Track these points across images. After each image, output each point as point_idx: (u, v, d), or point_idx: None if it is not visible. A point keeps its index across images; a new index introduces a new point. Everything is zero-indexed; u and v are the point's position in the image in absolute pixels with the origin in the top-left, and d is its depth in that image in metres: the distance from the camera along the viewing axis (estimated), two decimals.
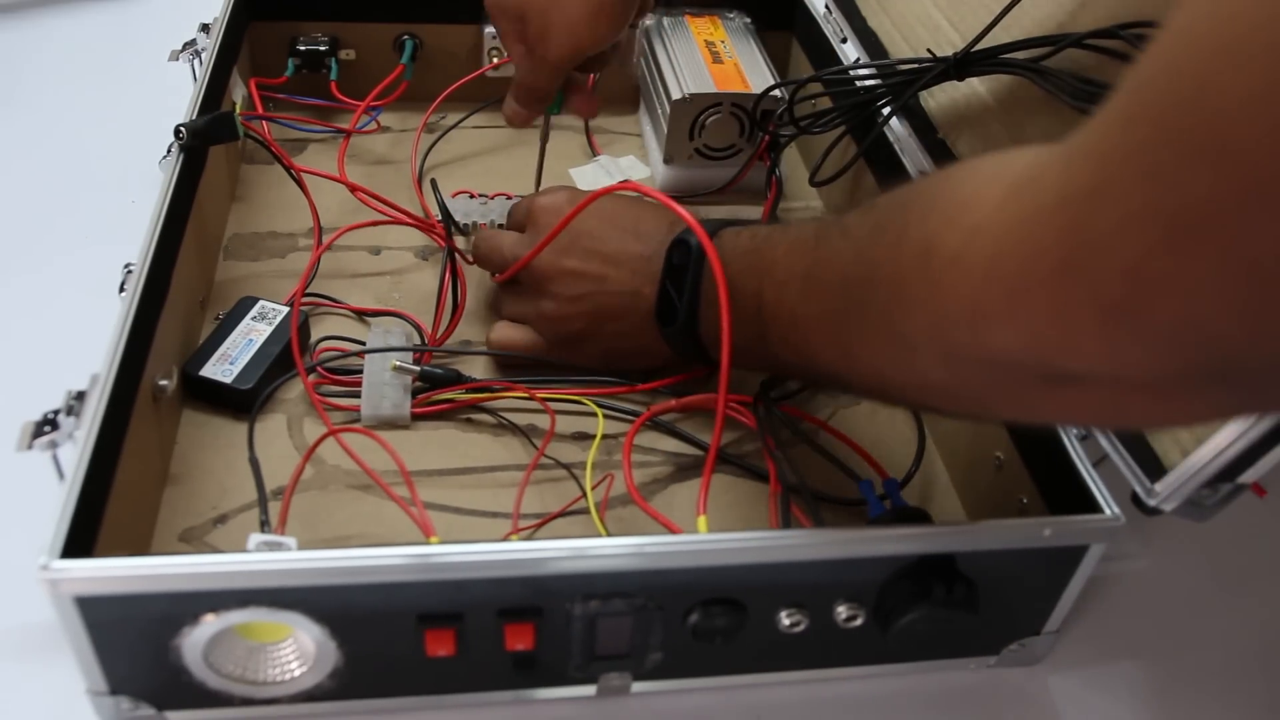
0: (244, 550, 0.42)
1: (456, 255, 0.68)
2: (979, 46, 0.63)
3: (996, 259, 0.32)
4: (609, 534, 0.54)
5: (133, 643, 0.42)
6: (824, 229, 0.47)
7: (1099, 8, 0.58)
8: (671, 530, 0.52)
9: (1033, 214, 0.31)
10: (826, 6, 0.85)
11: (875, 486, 0.54)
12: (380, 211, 0.71)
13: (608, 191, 0.58)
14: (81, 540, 0.42)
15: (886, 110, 0.70)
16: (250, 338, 0.61)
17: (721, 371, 0.50)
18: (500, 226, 0.72)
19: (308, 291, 0.67)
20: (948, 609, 0.45)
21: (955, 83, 0.67)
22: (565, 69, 0.64)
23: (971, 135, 0.67)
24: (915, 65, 0.67)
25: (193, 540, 0.53)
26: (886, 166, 0.70)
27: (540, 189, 0.69)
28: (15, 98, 0.87)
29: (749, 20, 0.86)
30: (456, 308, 0.66)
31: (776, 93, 0.75)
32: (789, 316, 0.47)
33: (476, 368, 0.63)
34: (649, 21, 0.85)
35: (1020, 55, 0.61)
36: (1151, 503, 0.45)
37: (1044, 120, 0.60)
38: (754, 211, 0.78)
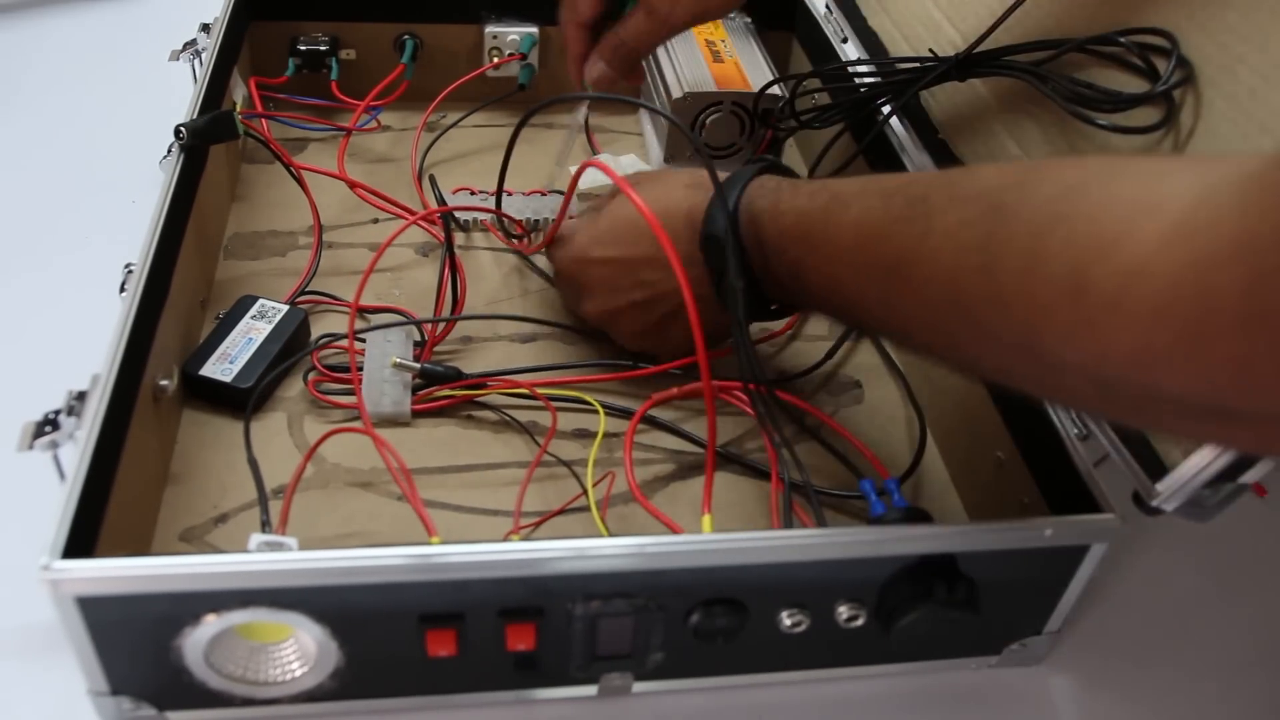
0: (245, 550, 0.42)
1: (455, 251, 0.68)
2: (981, 48, 0.63)
3: (1167, 306, 0.31)
4: (610, 533, 0.54)
5: (134, 643, 0.42)
6: (890, 210, 0.44)
7: (1100, 11, 0.58)
8: (673, 529, 0.52)
9: (1207, 260, 0.29)
10: (827, 6, 0.85)
11: (876, 485, 0.53)
12: (380, 209, 0.71)
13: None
14: (82, 540, 0.42)
15: (887, 109, 0.70)
16: (250, 336, 0.61)
17: (700, 363, 0.51)
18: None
19: (307, 289, 0.67)
20: (949, 609, 0.45)
21: (956, 83, 0.67)
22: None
23: (972, 135, 0.67)
24: (917, 64, 0.67)
25: (193, 540, 0.53)
26: (886, 165, 0.70)
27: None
28: (16, 98, 0.87)
29: (749, 20, 0.86)
30: (456, 304, 0.66)
31: (776, 90, 0.75)
32: (849, 297, 0.47)
33: (476, 364, 0.63)
34: None
35: (1022, 58, 0.61)
36: (1152, 503, 0.45)
37: (1045, 122, 0.60)
38: None
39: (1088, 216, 0.34)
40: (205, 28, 0.73)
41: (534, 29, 0.84)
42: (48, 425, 0.44)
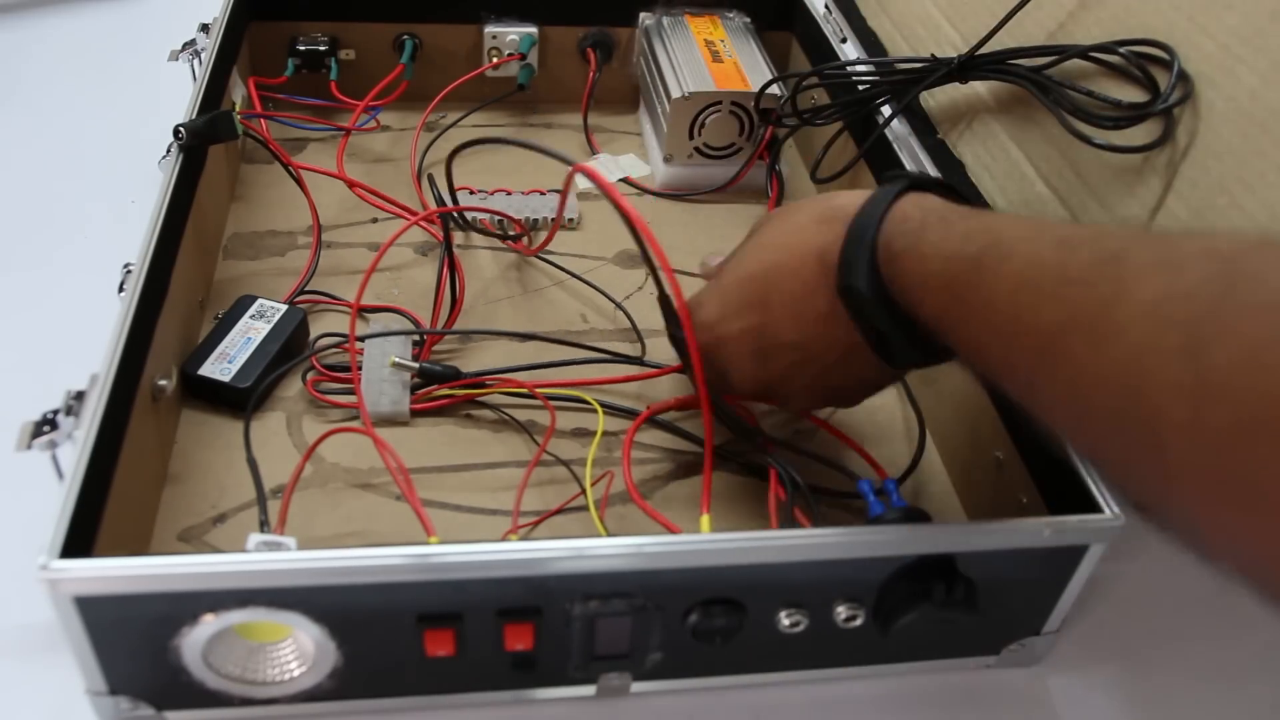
0: (243, 550, 0.42)
1: (454, 250, 0.68)
2: (984, 50, 0.63)
3: None
4: (608, 532, 0.54)
5: (132, 643, 0.42)
6: (1067, 267, 0.35)
7: (1103, 13, 0.58)
8: (670, 529, 0.52)
9: None
10: (826, 6, 0.85)
11: (874, 486, 0.53)
12: (379, 208, 0.71)
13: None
14: (81, 540, 0.42)
15: (888, 110, 0.70)
16: (249, 336, 0.61)
17: (696, 370, 0.50)
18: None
19: (306, 289, 0.67)
20: (948, 609, 0.45)
21: (956, 84, 0.67)
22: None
23: (971, 136, 0.67)
24: (918, 65, 0.67)
25: (192, 540, 0.53)
26: (886, 165, 0.70)
27: None
28: (15, 97, 0.87)
29: (749, 20, 0.86)
30: (455, 303, 0.66)
31: (775, 89, 0.75)
32: (994, 367, 0.39)
33: (475, 363, 0.63)
34: (649, 21, 0.85)
35: (1024, 62, 0.61)
36: None
37: (1046, 125, 0.60)
38: (757, 210, 0.78)
39: None
40: (204, 28, 0.73)
41: (533, 29, 0.84)
42: (46, 425, 0.44)
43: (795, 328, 0.48)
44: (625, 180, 0.81)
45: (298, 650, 0.45)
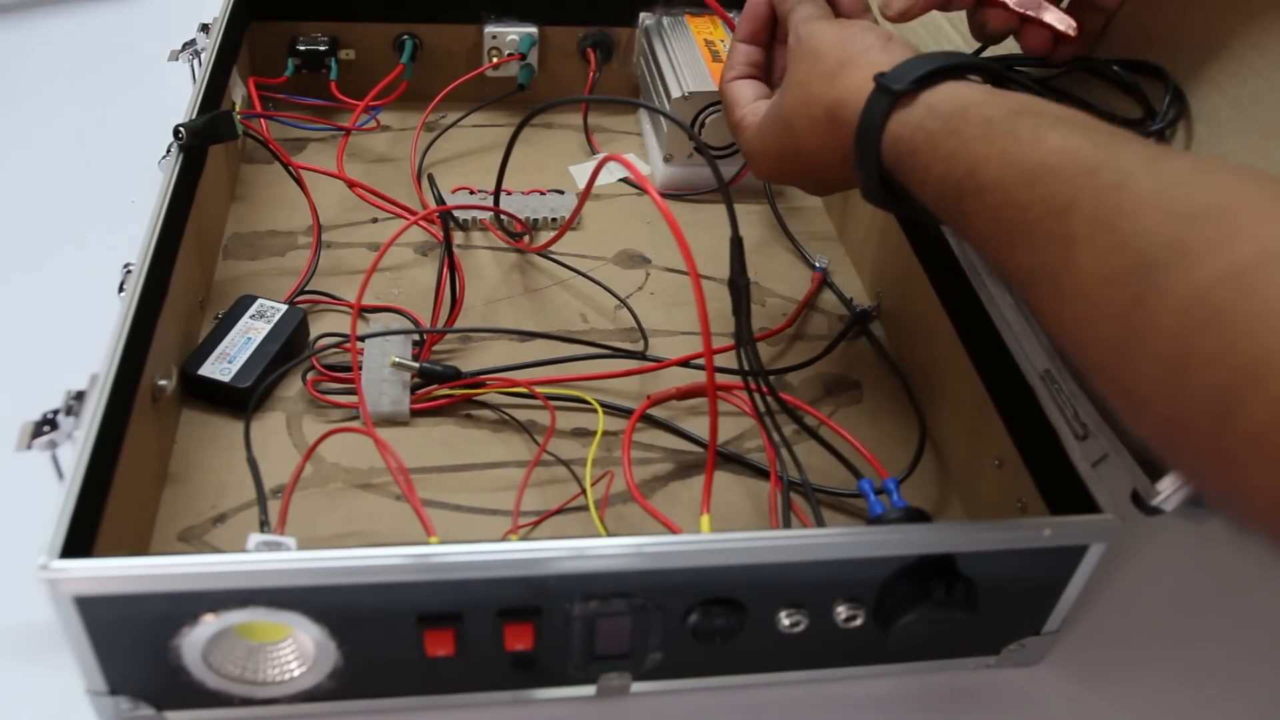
0: (243, 550, 0.42)
1: (454, 250, 0.68)
2: (986, 54, 0.63)
3: None
4: (609, 532, 0.54)
5: (132, 643, 0.42)
6: (1027, 212, 0.37)
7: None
8: (671, 529, 0.52)
9: None
10: None
11: (875, 485, 0.53)
12: (379, 208, 0.71)
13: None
14: (81, 540, 0.42)
15: None
16: (249, 336, 0.61)
17: (707, 364, 0.50)
18: (529, 224, 0.72)
19: (306, 289, 0.67)
20: (947, 609, 0.45)
21: None
22: None
23: None
24: None
25: (192, 540, 0.53)
26: None
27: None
28: (15, 97, 0.87)
29: None
30: (455, 302, 0.66)
31: None
32: (1005, 275, 0.40)
33: (475, 362, 0.63)
34: (649, 21, 0.85)
35: (1029, 69, 0.61)
36: (1152, 502, 0.45)
37: None
38: (757, 210, 0.78)
39: (1253, 318, 0.28)
40: (204, 28, 0.73)
41: (533, 29, 0.84)
42: (46, 425, 0.44)
43: (819, 166, 0.51)
44: (625, 180, 0.81)
45: (298, 650, 0.45)
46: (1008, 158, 0.39)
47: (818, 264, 0.73)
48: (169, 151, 0.61)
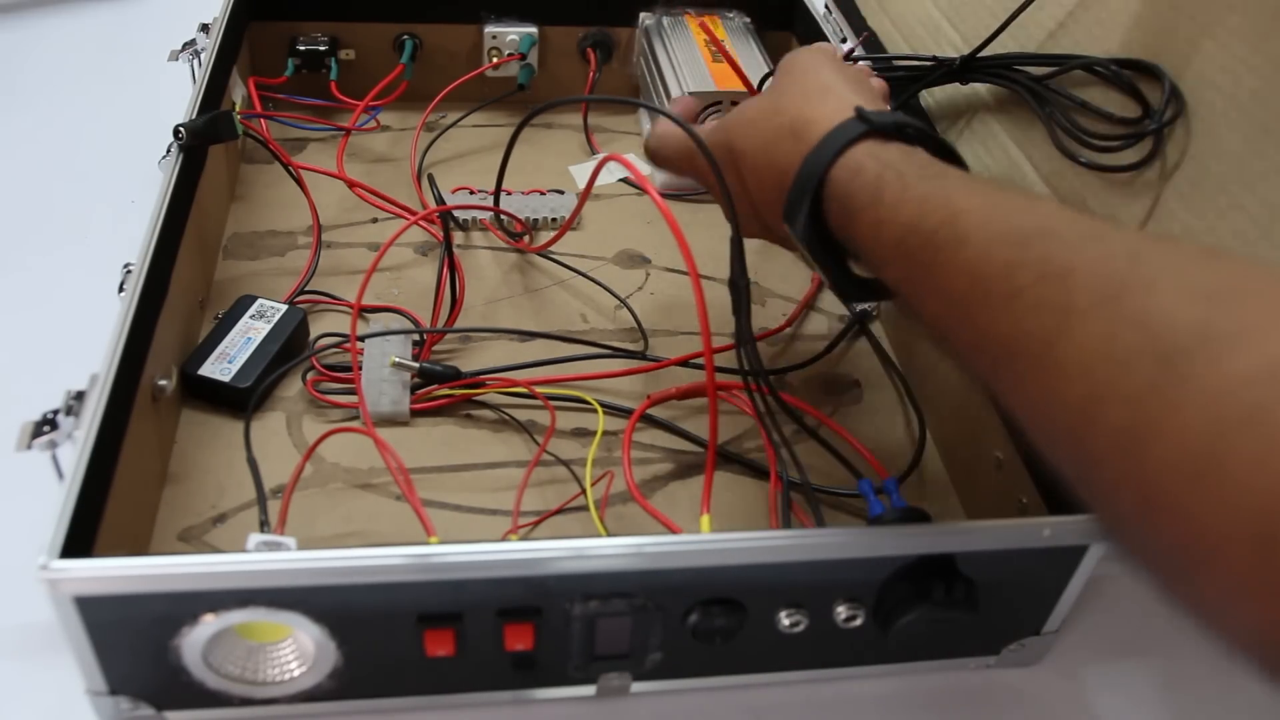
0: (243, 550, 0.42)
1: (454, 250, 0.68)
2: (987, 52, 0.63)
3: None
4: (608, 532, 0.54)
5: (132, 643, 0.42)
6: (1014, 277, 0.33)
7: (1103, 17, 0.58)
8: (671, 529, 0.52)
9: None
10: (826, 6, 0.85)
11: (875, 485, 0.53)
12: (379, 208, 0.71)
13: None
14: (81, 540, 0.42)
15: None
16: (249, 336, 0.61)
17: (707, 363, 0.50)
18: (525, 225, 0.72)
19: (306, 289, 0.67)
20: (947, 609, 0.45)
21: (957, 84, 0.67)
22: None
23: (971, 135, 0.67)
24: (919, 63, 0.67)
25: (192, 540, 0.53)
26: None
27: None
28: (15, 97, 0.87)
29: (749, 20, 0.86)
30: (455, 302, 0.66)
31: None
32: (962, 353, 0.37)
33: (475, 362, 0.63)
34: (649, 21, 0.85)
35: (1026, 69, 0.61)
36: None
37: (1045, 127, 0.60)
38: None
39: None
40: (204, 28, 0.73)
41: (533, 29, 0.84)
42: (46, 425, 0.44)
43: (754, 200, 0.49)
44: (626, 180, 0.81)
45: (298, 650, 0.45)
46: (998, 212, 0.36)
47: None
48: (169, 151, 0.61)
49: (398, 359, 0.60)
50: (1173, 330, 0.28)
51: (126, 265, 0.55)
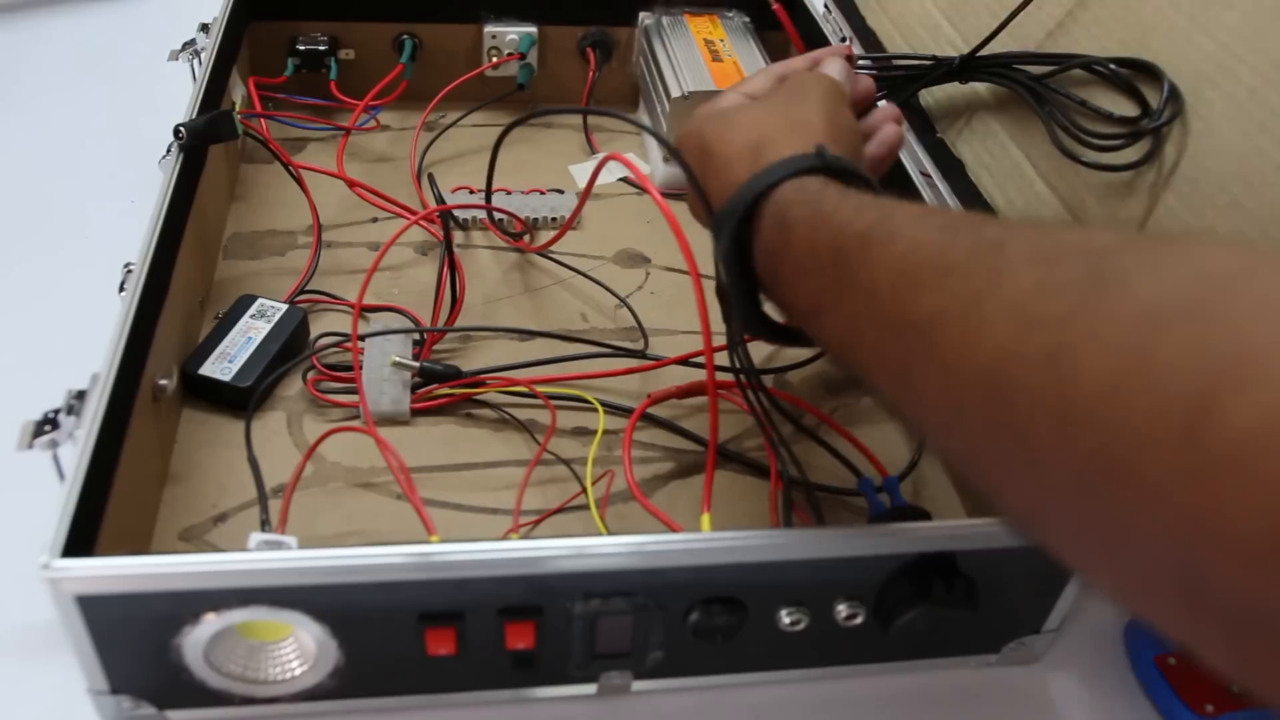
0: (244, 549, 0.42)
1: (454, 250, 0.68)
2: (987, 52, 0.63)
3: None
4: (609, 531, 0.54)
5: (134, 642, 0.42)
6: (947, 253, 0.33)
7: (1101, 16, 0.58)
8: (672, 528, 0.52)
9: None
10: (826, 6, 0.86)
11: (875, 484, 0.54)
12: (379, 207, 0.71)
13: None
14: (82, 539, 0.42)
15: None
16: (249, 335, 0.61)
17: (707, 362, 0.50)
18: (528, 223, 0.72)
19: (306, 288, 0.67)
20: (948, 607, 0.45)
21: (957, 84, 0.67)
22: None
23: (970, 135, 0.67)
24: (919, 62, 0.67)
25: (193, 539, 0.53)
26: None
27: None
28: (15, 98, 0.87)
29: (748, 19, 0.86)
30: (455, 302, 0.66)
31: None
32: (865, 360, 0.37)
33: (475, 361, 0.63)
34: (649, 21, 0.85)
35: (1025, 68, 0.61)
36: None
37: (1044, 126, 0.60)
38: None
39: (1232, 321, 0.24)
40: (204, 28, 0.73)
41: (533, 29, 0.84)
42: (47, 424, 0.44)
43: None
44: (626, 180, 0.81)
45: (299, 649, 0.45)
46: (932, 212, 0.37)
47: None
48: (169, 151, 0.61)
49: (398, 358, 0.60)
50: (1106, 257, 0.28)
51: (127, 265, 0.55)
